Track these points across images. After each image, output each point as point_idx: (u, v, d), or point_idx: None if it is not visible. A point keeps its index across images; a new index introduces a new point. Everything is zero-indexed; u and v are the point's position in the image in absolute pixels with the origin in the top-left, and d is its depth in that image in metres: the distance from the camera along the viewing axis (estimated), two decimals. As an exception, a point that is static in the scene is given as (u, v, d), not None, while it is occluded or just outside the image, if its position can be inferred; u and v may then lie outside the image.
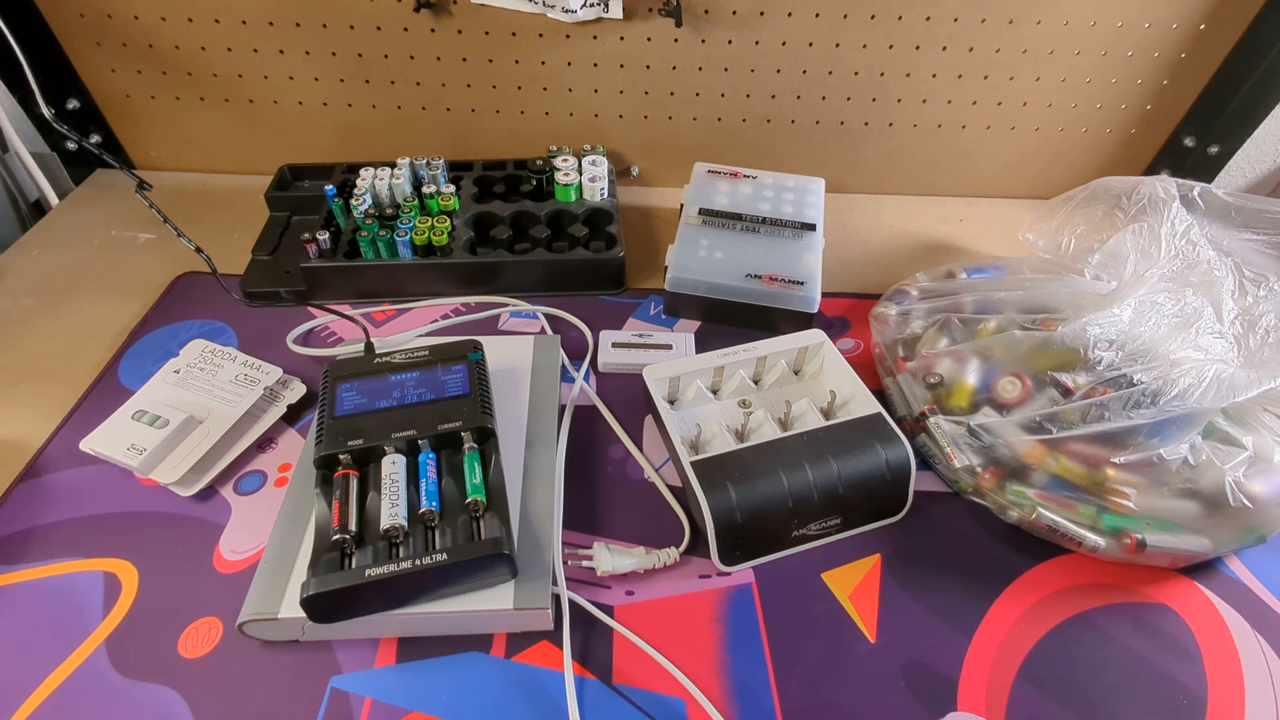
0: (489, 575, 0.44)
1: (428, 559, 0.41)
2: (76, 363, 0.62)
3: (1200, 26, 0.70)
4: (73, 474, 0.54)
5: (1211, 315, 0.51)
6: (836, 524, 0.51)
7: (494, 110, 0.79)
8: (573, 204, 0.72)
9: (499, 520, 0.44)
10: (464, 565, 0.42)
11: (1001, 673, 0.45)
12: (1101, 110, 0.78)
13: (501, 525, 0.44)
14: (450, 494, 0.46)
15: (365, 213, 0.68)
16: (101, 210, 0.80)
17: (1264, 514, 0.48)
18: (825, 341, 0.59)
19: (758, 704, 0.43)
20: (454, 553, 0.42)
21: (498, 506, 0.46)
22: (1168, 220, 0.54)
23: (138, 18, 0.72)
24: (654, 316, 0.68)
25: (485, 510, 0.45)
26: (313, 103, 0.79)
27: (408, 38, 0.73)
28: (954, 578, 0.50)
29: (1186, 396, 0.47)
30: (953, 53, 0.73)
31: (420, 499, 0.46)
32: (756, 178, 0.75)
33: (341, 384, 0.51)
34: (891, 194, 0.86)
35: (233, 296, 0.65)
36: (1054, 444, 0.50)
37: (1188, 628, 0.48)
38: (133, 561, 0.49)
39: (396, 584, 0.41)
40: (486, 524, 0.45)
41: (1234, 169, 0.82)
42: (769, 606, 0.48)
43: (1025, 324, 0.55)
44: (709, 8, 0.70)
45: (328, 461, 0.47)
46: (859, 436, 0.51)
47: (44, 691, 0.43)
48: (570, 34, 0.72)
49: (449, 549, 0.42)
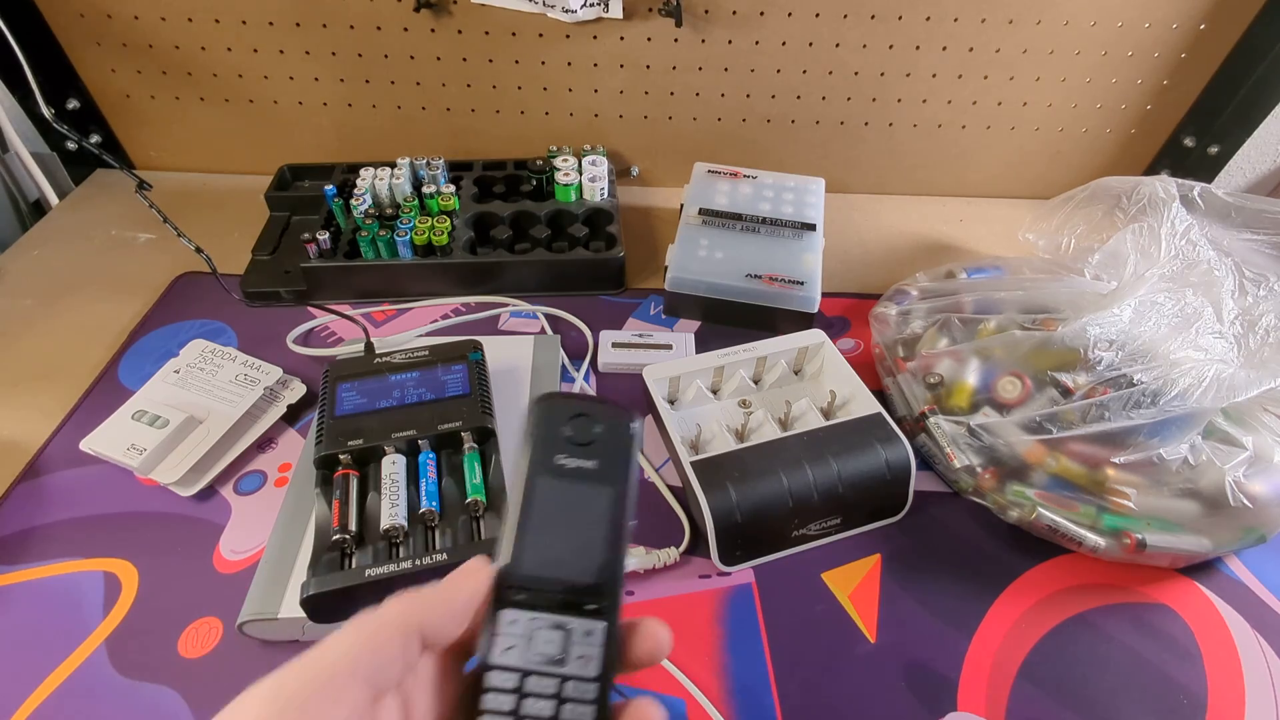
0: (489, 575, 0.44)
1: (428, 559, 0.42)
2: (76, 363, 0.62)
3: (1200, 26, 0.70)
4: (73, 474, 0.54)
5: (1211, 315, 0.51)
6: (836, 524, 0.51)
7: (494, 110, 0.79)
8: (573, 204, 0.72)
9: (499, 520, 0.44)
10: (464, 565, 0.42)
11: (1001, 673, 0.45)
12: (1101, 110, 0.78)
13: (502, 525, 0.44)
14: (450, 494, 0.46)
15: (365, 213, 0.68)
16: (101, 210, 0.80)
17: (1264, 514, 0.48)
18: (825, 341, 0.59)
19: (758, 704, 0.43)
20: (454, 553, 0.42)
21: (498, 507, 0.46)
22: (1168, 220, 0.54)
23: (138, 18, 0.72)
24: (654, 316, 0.68)
25: (485, 510, 0.45)
26: (313, 103, 0.79)
27: (408, 38, 0.73)
28: (954, 578, 0.50)
29: (1186, 396, 0.47)
30: (953, 53, 0.73)
31: (420, 499, 0.46)
32: (756, 178, 0.75)
33: (341, 384, 0.51)
34: (891, 194, 0.86)
35: (233, 296, 0.65)
36: (1054, 444, 0.50)
37: (1188, 628, 0.48)
38: (133, 561, 0.49)
39: (396, 584, 0.41)
40: (487, 524, 0.45)
41: (1234, 169, 0.82)
42: (769, 606, 0.48)
43: (1025, 324, 0.55)
44: (709, 8, 0.70)
45: (328, 461, 0.47)
46: (859, 436, 0.51)
47: (44, 691, 0.43)
48: (570, 34, 0.72)
49: (449, 549, 0.42)
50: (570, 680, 0.24)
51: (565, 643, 0.25)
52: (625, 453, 0.27)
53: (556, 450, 0.26)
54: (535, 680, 0.24)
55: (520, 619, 0.25)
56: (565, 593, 0.25)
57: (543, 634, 0.25)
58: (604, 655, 0.25)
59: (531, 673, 0.24)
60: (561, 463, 0.26)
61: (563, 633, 0.25)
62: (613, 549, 0.26)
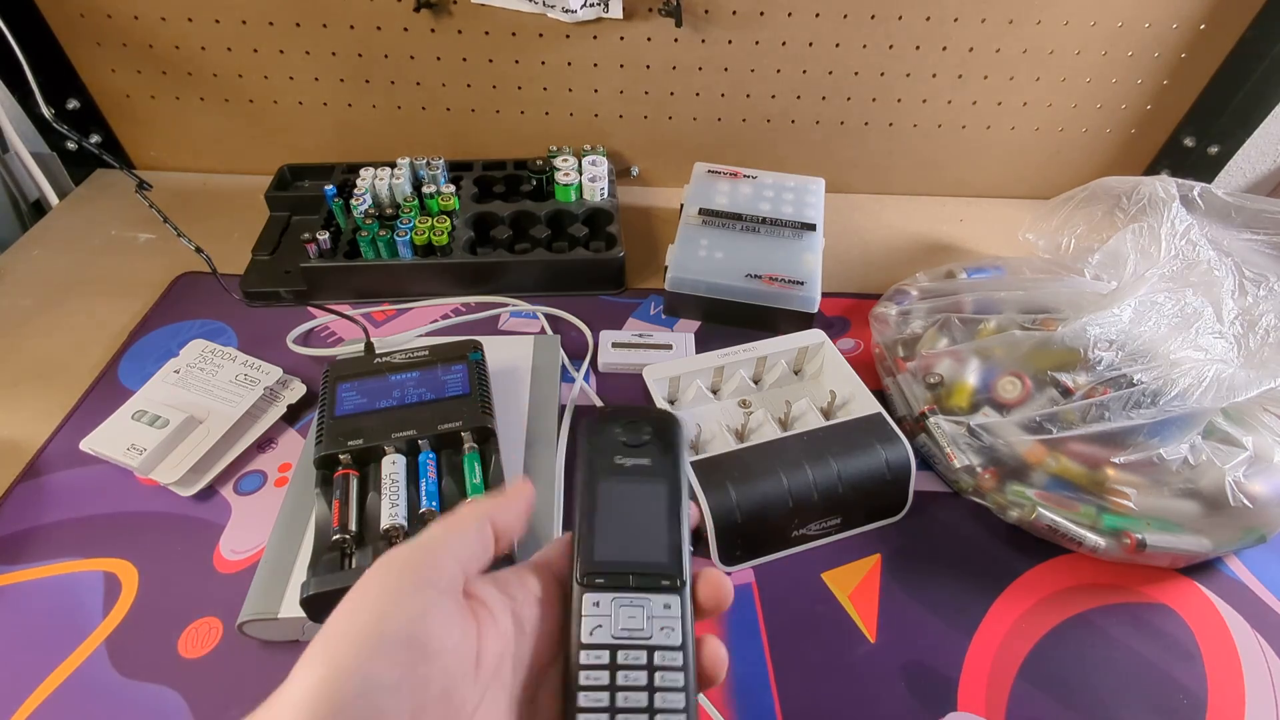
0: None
1: (428, 559, 0.41)
2: (76, 363, 0.62)
3: (1200, 26, 0.70)
4: (73, 474, 0.54)
5: (1211, 315, 0.51)
6: (836, 524, 0.51)
7: (494, 110, 0.79)
8: (573, 204, 0.72)
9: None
10: (464, 565, 0.42)
11: (1001, 673, 0.45)
12: (1101, 110, 0.78)
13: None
14: (450, 494, 0.46)
15: (365, 213, 0.68)
16: (101, 210, 0.80)
17: (1264, 514, 0.48)
18: (825, 341, 0.59)
19: (758, 704, 0.43)
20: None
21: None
22: (1168, 220, 0.54)
23: (138, 18, 0.72)
24: (654, 316, 0.68)
25: (485, 510, 0.45)
26: (313, 103, 0.79)
27: (408, 38, 0.73)
28: (954, 578, 0.50)
29: (1186, 396, 0.47)
30: (953, 53, 0.73)
31: (420, 499, 0.46)
32: (756, 178, 0.75)
33: (341, 384, 0.51)
34: (892, 194, 0.86)
35: (233, 296, 0.65)
36: (1054, 444, 0.50)
37: (1188, 628, 0.48)
38: (133, 561, 0.49)
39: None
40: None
41: (1234, 169, 0.82)
42: (769, 606, 0.48)
43: (1025, 324, 0.55)
44: (709, 8, 0.70)
45: (328, 461, 0.47)
46: (859, 436, 0.51)
47: (44, 691, 0.43)
48: (570, 34, 0.72)
49: (449, 549, 0.42)
50: (658, 650, 0.26)
51: (649, 616, 0.27)
52: (674, 448, 0.31)
53: (614, 453, 0.30)
54: (626, 653, 0.26)
55: (603, 600, 0.27)
56: (641, 572, 0.28)
57: (627, 611, 0.27)
58: (684, 626, 0.27)
59: (621, 646, 0.26)
60: (620, 463, 0.30)
61: (645, 609, 0.27)
62: (675, 531, 0.29)
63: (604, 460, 0.30)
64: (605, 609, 0.27)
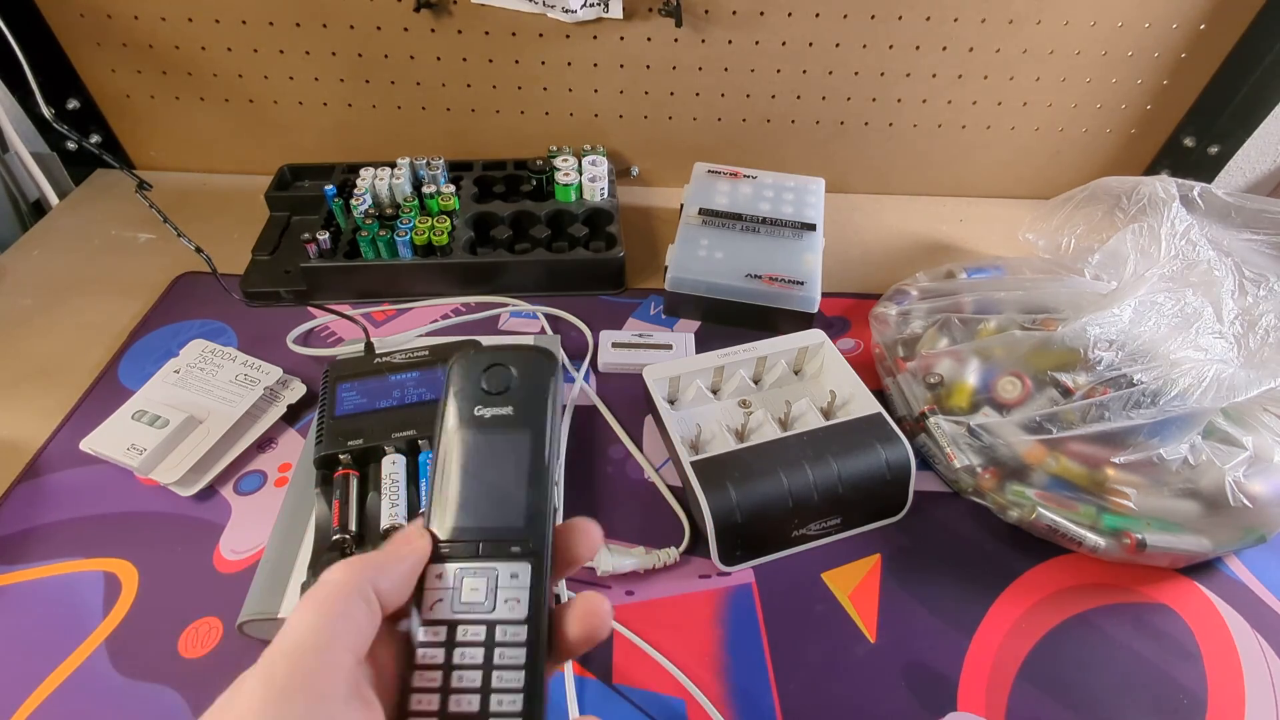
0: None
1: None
2: (76, 363, 0.62)
3: (1200, 26, 0.70)
4: (73, 474, 0.54)
5: (1211, 315, 0.51)
6: (836, 524, 0.51)
7: (494, 110, 0.79)
8: (573, 204, 0.72)
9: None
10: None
11: (1001, 673, 0.45)
12: (1101, 110, 0.78)
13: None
14: (450, 494, 0.46)
15: (365, 213, 0.68)
16: (101, 210, 0.80)
17: (1264, 514, 0.48)
18: (825, 341, 0.59)
19: (758, 704, 0.43)
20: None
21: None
22: (1168, 220, 0.54)
23: (138, 18, 0.72)
24: (654, 316, 0.68)
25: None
26: (313, 103, 0.79)
27: (408, 38, 0.73)
28: (954, 578, 0.50)
29: (1186, 396, 0.47)
30: (953, 53, 0.73)
31: (420, 499, 0.46)
32: (756, 178, 0.75)
33: (341, 384, 0.52)
34: (891, 194, 0.86)
35: (233, 296, 0.65)
36: (1054, 444, 0.50)
37: (1188, 628, 0.48)
38: (133, 561, 0.49)
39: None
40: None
41: (1234, 169, 0.82)
42: (769, 606, 0.48)
43: (1025, 324, 0.55)
44: (709, 8, 0.70)
45: (328, 461, 0.47)
46: (859, 436, 0.51)
47: (44, 691, 0.43)
48: (570, 34, 0.72)
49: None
50: (499, 625, 0.24)
51: (492, 588, 0.25)
52: (541, 395, 0.27)
53: (473, 403, 0.27)
54: (463, 629, 0.24)
55: (446, 572, 0.25)
56: (490, 539, 0.25)
57: (470, 582, 0.25)
58: (533, 597, 0.25)
59: (459, 622, 0.24)
60: (478, 414, 0.27)
61: (490, 579, 0.25)
62: (534, 489, 0.26)
63: (461, 412, 0.27)
64: (449, 580, 0.25)
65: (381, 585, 0.23)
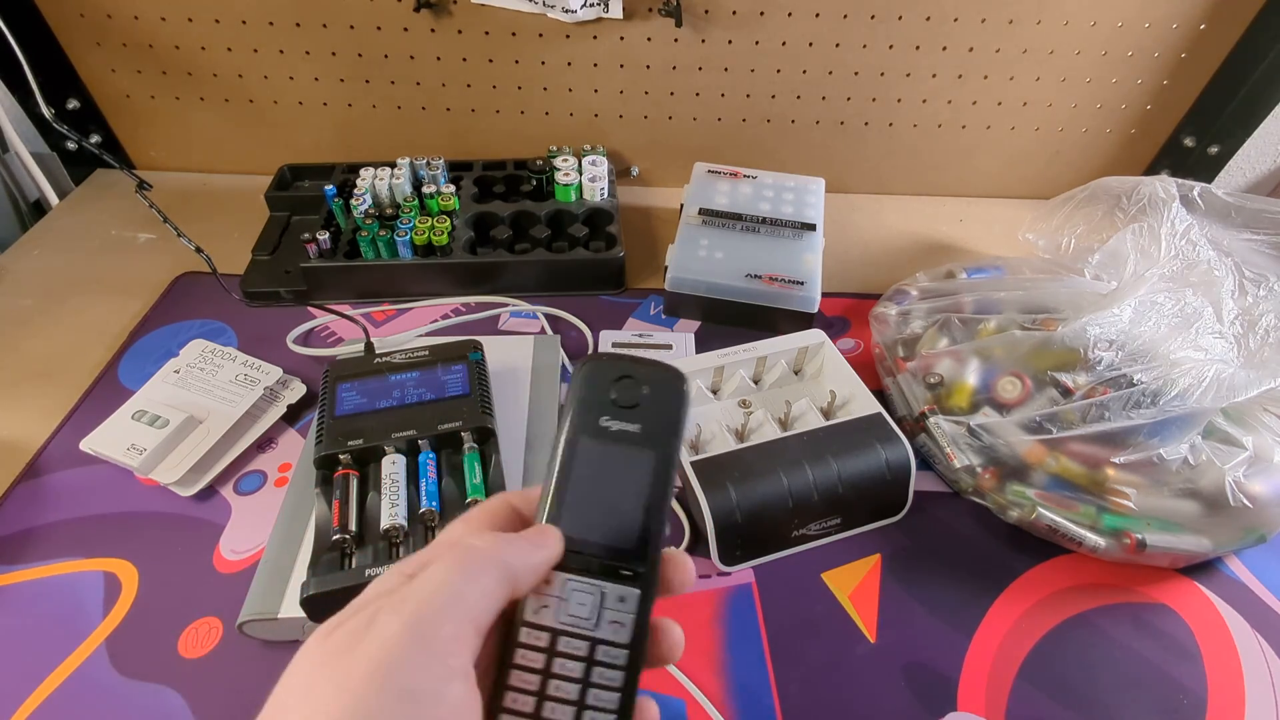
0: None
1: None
2: (76, 363, 0.62)
3: (1200, 26, 0.70)
4: (73, 474, 0.54)
5: (1211, 315, 0.51)
6: (836, 524, 0.51)
7: (494, 110, 0.79)
8: (573, 204, 0.72)
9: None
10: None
11: (1001, 673, 0.45)
12: (1101, 110, 0.78)
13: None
14: (450, 494, 0.46)
15: (365, 213, 0.68)
16: (101, 210, 0.80)
17: (1264, 514, 0.48)
18: (825, 341, 0.59)
19: (758, 704, 0.43)
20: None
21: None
22: (1168, 220, 0.54)
23: (138, 18, 0.72)
24: (654, 316, 0.68)
25: (485, 510, 0.45)
26: (313, 103, 0.79)
27: (408, 38, 0.73)
28: (954, 578, 0.50)
29: (1186, 396, 0.47)
30: (953, 53, 0.73)
31: (420, 499, 0.46)
32: (756, 178, 0.75)
33: (341, 384, 0.51)
34: (891, 194, 0.86)
35: (233, 296, 0.65)
36: (1054, 444, 0.50)
37: (1188, 628, 0.48)
38: (133, 561, 0.49)
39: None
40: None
41: (1234, 169, 0.82)
42: (769, 606, 0.48)
43: (1025, 324, 0.55)
44: (709, 8, 0.70)
45: (328, 461, 0.47)
46: (859, 436, 0.51)
47: (44, 691, 0.43)
48: (570, 34, 0.72)
49: (449, 549, 0.42)
50: (601, 645, 0.24)
51: (599, 607, 0.25)
52: (672, 417, 0.26)
53: (600, 412, 0.26)
54: (566, 641, 0.24)
55: (555, 579, 0.25)
56: (603, 557, 0.25)
57: (577, 596, 0.25)
58: (637, 623, 0.25)
59: (563, 633, 0.24)
60: (605, 425, 0.26)
61: (597, 597, 0.25)
62: (652, 515, 0.25)
63: (588, 418, 0.26)
64: (556, 589, 0.25)
65: (516, 568, 0.23)
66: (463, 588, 0.22)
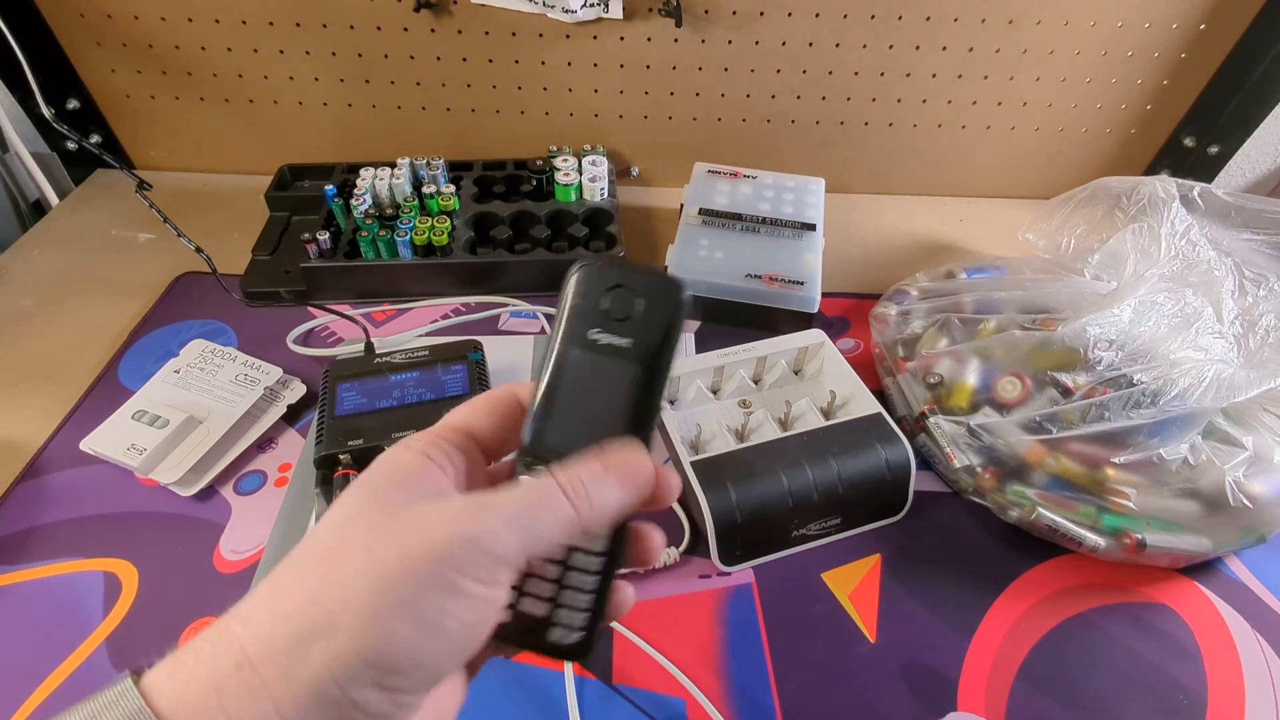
0: (489, 575, 0.44)
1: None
2: (76, 363, 0.62)
3: (1200, 26, 0.70)
4: (73, 474, 0.54)
5: (1211, 315, 0.51)
6: (836, 524, 0.51)
7: (494, 110, 0.79)
8: (573, 204, 0.72)
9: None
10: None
11: (1001, 673, 0.45)
12: (1101, 110, 0.78)
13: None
14: (450, 494, 0.46)
15: (365, 213, 0.68)
16: (101, 210, 0.80)
17: (1264, 514, 0.48)
18: (825, 341, 0.59)
19: (758, 704, 0.43)
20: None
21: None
22: (1168, 220, 0.54)
23: (138, 18, 0.72)
24: (654, 316, 0.68)
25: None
26: (313, 103, 0.79)
27: (408, 38, 0.73)
28: (954, 578, 0.50)
29: (1186, 396, 0.47)
30: (953, 53, 0.73)
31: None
32: (756, 178, 0.75)
33: (341, 384, 0.52)
34: (891, 194, 0.86)
35: (233, 296, 0.65)
36: (1054, 444, 0.50)
37: (1188, 628, 0.48)
38: (133, 561, 0.49)
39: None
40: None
41: (1234, 169, 0.82)
42: (769, 606, 0.48)
43: (1025, 324, 0.55)
44: (709, 8, 0.70)
45: (328, 461, 0.47)
46: (859, 436, 0.51)
47: (44, 691, 0.43)
48: (570, 34, 0.72)
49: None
50: (577, 552, 0.25)
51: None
52: (664, 331, 0.25)
53: (590, 324, 0.25)
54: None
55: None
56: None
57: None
58: (611, 537, 0.25)
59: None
60: (594, 339, 0.25)
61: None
62: (638, 430, 0.25)
63: (578, 328, 0.25)
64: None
65: (478, 421, 0.26)
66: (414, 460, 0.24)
